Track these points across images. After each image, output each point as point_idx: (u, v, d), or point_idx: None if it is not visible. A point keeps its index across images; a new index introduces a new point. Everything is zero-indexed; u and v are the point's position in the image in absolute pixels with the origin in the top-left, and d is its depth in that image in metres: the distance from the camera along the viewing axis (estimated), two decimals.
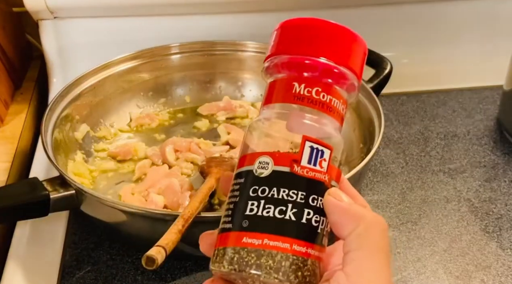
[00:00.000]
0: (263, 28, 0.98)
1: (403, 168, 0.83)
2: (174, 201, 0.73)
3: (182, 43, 0.92)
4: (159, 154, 0.82)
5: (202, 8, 0.96)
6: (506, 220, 0.74)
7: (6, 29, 0.94)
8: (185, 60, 0.93)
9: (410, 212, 0.76)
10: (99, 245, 0.71)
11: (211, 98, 0.94)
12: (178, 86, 0.94)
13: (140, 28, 0.97)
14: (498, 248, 0.70)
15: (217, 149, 0.83)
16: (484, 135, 0.89)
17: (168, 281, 0.66)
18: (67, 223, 0.74)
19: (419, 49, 1.02)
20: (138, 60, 0.90)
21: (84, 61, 0.95)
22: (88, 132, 0.84)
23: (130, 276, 0.67)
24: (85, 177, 0.78)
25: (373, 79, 0.85)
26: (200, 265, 0.68)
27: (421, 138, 0.88)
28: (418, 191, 0.79)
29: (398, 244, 0.71)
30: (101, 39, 0.96)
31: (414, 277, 0.67)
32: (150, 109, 0.92)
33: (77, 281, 0.67)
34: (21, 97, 0.94)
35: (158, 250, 0.55)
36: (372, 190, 0.79)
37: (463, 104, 0.96)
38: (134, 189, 0.76)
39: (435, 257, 0.69)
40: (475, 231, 0.73)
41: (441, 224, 0.74)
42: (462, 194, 0.78)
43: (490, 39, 1.02)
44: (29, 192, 0.66)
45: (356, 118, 0.83)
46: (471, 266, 0.68)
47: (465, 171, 0.82)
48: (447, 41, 1.02)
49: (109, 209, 0.65)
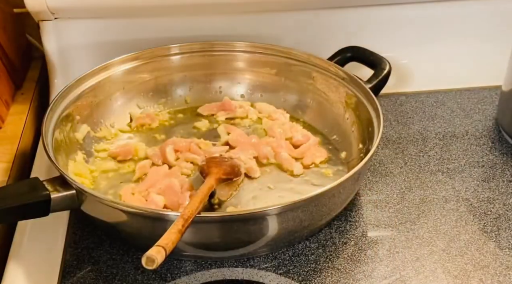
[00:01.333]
0: (263, 29, 0.99)
1: (402, 168, 0.83)
2: (174, 201, 0.73)
3: (182, 43, 0.93)
4: (159, 154, 0.82)
5: (202, 8, 0.97)
6: (504, 220, 0.74)
7: (7, 30, 0.94)
8: (185, 61, 0.93)
9: (409, 212, 0.76)
10: (100, 244, 0.71)
11: (211, 99, 0.94)
12: (178, 86, 0.94)
13: (140, 29, 0.97)
14: (497, 248, 0.71)
15: (217, 149, 0.84)
16: (482, 135, 0.89)
17: (168, 281, 0.67)
18: (67, 223, 0.74)
19: (418, 49, 1.02)
20: (139, 61, 0.91)
21: (85, 61, 0.95)
22: (89, 132, 0.85)
23: (130, 276, 0.67)
24: (85, 177, 0.78)
25: (372, 80, 0.85)
26: (200, 265, 0.68)
27: (420, 138, 0.89)
28: (417, 191, 0.79)
29: (396, 243, 0.71)
30: (102, 39, 0.97)
31: (413, 277, 0.67)
32: (150, 109, 0.92)
33: (77, 281, 0.67)
34: (22, 98, 0.94)
35: (158, 250, 0.55)
36: (371, 190, 0.79)
37: (461, 105, 0.96)
38: (135, 189, 0.76)
39: (434, 257, 0.70)
40: (474, 230, 0.73)
41: (439, 223, 0.74)
42: (460, 194, 0.79)
43: (489, 39, 1.02)
44: (30, 192, 0.66)
45: (355, 118, 0.84)
46: (469, 265, 0.69)
47: (463, 171, 0.82)
48: (446, 41, 1.02)
49: (110, 209, 0.65)
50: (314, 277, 0.67)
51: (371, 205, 0.77)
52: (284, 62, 0.92)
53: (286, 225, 0.66)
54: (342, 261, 0.69)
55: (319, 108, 0.90)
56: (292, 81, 0.92)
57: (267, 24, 0.99)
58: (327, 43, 0.94)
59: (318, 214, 0.68)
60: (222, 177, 0.74)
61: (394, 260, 0.69)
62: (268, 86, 0.94)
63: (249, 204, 0.75)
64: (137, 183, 0.78)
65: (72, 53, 0.97)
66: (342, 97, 0.86)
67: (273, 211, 0.64)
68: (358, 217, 0.75)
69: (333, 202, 0.70)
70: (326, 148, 0.85)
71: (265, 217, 0.65)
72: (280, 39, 0.96)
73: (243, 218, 0.64)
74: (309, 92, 0.91)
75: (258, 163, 0.81)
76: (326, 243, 0.71)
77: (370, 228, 0.74)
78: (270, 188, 0.78)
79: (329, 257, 0.70)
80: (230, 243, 0.67)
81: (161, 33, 0.97)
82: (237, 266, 0.68)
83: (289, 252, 0.70)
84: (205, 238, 0.66)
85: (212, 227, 0.66)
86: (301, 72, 0.91)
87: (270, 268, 0.68)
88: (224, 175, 0.75)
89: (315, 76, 0.90)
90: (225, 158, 0.80)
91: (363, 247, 0.71)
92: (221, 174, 0.74)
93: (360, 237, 0.72)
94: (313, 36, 1.00)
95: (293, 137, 0.85)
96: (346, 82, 0.85)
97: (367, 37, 0.97)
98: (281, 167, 0.81)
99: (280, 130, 0.86)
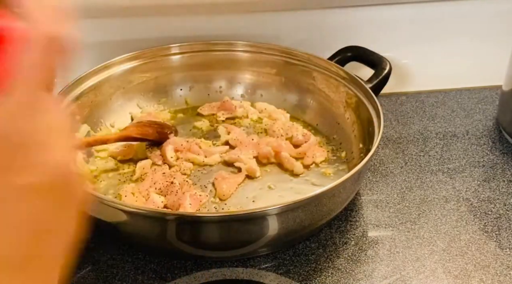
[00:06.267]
0: (263, 28, 0.99)
1: (402, 168, 0.83)
2: (174, 201, 0.73)
3: (182, 43, 0.93)
4: (160, 154, 0.82)
5: (202, 8, 0.97)
6: (505, 220, 0.74)
7: None
8: (185, 61, 0.93)
9: (409, 211, 0.76)
10: (100, 244, 0.71)
11: (211, 98, 0.94)
12: (178, 86, 0.94)
13: (140, 29, 0.97)
14: (497, 248, 0.71)
15: (217, 149, 0.84)
16: (483, 135, 0.89)
17: (168, 281, 0.67)
18: None
19: (418, 49, 1.02)
20: (139, 61, 0.90)
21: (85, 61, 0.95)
22: (89, 132, 0.85)
23: (130, 276, 0.67)
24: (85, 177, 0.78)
25: (372, 79, 0.85)
26: (200, 264, 0.68)
27: (420, 138, 0.89)
28: (417, 191, 0.79)
29: (397, 243, 0.71)
30: (102, 39, 0.97)
31: (413, 277, 0.67)
32: (150, 109, 0.92)
33: (77, 281, 0.67)
34: None
35: None
36: (372, 190, 0.79)
37: (462, 104, 0.96)
38: (135, 189, 0.76)
39: (434, 257, 0.70)
40: (474, 230, 0.73)
41: (440, 223, 0.74)
42: (461, 194, 0.78)
43: (489, 39, 1.02)
44: None
45: (355, 118, 0.84)
46: (470, 265, 0.68)
47: (464, 171, 0.82)
48: (446, 41, 1.02)
49: (110, 209, 0.65)
50: (314, 277, 0.67)
51: (372, 205, 0.77)
52: (284, 62, 0.92)
53: (286, 225, 0.66)
54: (343, 261, 0.69)
55: (320, 108, 0.90)
56: (292, 81, 0.92)
57: (267, 24, 0.99)
58: (327, 43, 0.94)
59: (318, 214, 0.68)
60: (134, 136, 0.81)
61: (395, 260, 0.69)
62: (268, 86, 0.94)
63: (249, 204, 0.75)
64: (137, 183, 0.78)
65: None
66: (342, 97, 0.86)
67: (273, 211, 0.64)
68: (358, 217, 0.75)
69: (333, 202, 0.70)
70: (326, 148, 0.85)
71: (265, 217, 0.64)
72: (280, 39, 0.96)
73: (243, 218, 0.64)
74: (309, 92, 0.91)
75: (258, 163, 0.81)
76: (326, 243, 0.71)
77: (371, 228, 0.74)
78: (270, 188, 0.78)
79: (329, 257, 0.70)
80: (230, 243, 0.67)
81: (161, 33, 0.97)
82: (237, 266, 0.68)
83: (289, 252, 0.70)
84: (205, 238, 0.66)
85: (212, 227, 0.66)
86: (301, 72, 0.91)
87: (270, 268, 0.68)
88: (138, 135, 0.81)
89: (316, 76, 0.90)
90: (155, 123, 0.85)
91: (364, 247, 0.71)
92: (135, 133, 0.81)
93: (360, 237, 0.72)
94: (313, 36, 1.00)
95: (293, 137, 0.85)
96: (347, 82, 0.85)
97: (367, 37, 0.97)
98: (281, 167, 0.81)
99: (281, 130, 0.86)
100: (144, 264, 0.69)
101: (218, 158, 0.82)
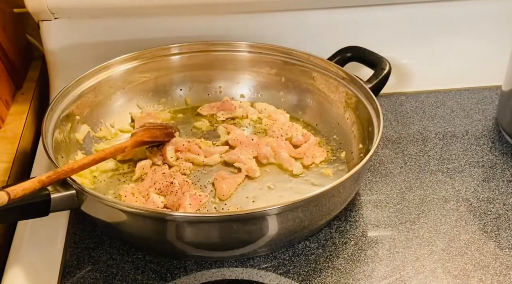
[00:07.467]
0: (263, 29, 0.99)
1: (402, 168, 0.83)
2: (174, 201, 0.73)
3: (182, 43, 0.93)
4: (159, 154, 0.82)
5: (202, 8, 0.97)
6: (504, 220, 0.74)
7: (7, 30, 0.94)
8: (185, 61, 0.93)
9: (409, 211, 0.76)
10: (100, 244, 0.72)
11: (211, 98, 0.94)
12: (178, 86, 0.94)
13: (140, 29, 0.97)
14: (497, 248, 0.71)
15: (217, 149, 0.84)
16: (482, 135, 0.89)
17: (168, 281, 0.67)
18: (67, 223, 0.75)
19: (418, 49, 1.02)
20: (138, 61, 0.91)
21: (85, 61, 0.95)
22: (89, 132, 0.85)
23: (130, 276, 0.68)
24: (85, 177, 0.78)
25: (372, 80, 0.85)
26: (200, 265, 0.68)
27: (420, 138, 0.89)
28: (417, 191, 0.79)
29: (396, 243, 0.71)
30: (102, 39, 0.97)
31: (413, 276, 0.67)
32: (150, 109, 0.92)
33: (77, 281, 0.67)
34: (22, 98, 0.94)
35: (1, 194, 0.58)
36: (371, 190, 0.79)
37: (461, 105, 0.96)
38: (134, 189, 0.76)
39: (434, 257, 0.70)
40: (474, 230, 0.73)
41: (439, 223, 0.74)
42: (460, 194, 0.79)
43: (489, 39, 1.02)
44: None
45: (355, 118, 0.84)
46: (469, 265, 0.69)
47: (463, 171, 0.82)
48: (446, 41, 1.02)
49: (110, 209, 0.65)
50: (314, 277, 0.67)
51: (371, 205, 0.77)
52: (284, 62, 0.92)
53: (286, 225, 0.66)
54: (342, 261, 0.69)
55: (319, 108, 0.90)
56: (292, 81, 0.93)
57: (267, 24, 0.99)
58: (327, 43, 0.94)
59: (318, 214, 0.68)
60: (146, 140, 0.80)
61: (394, 260, 0.69)
62: (268, 86, 0.94)
63: (249, 204, 0.75)
64: (137, 183, 0.78)
65: (72, 53, 0.97)
66: (342, 97, 0.86)
67: (273, 211, 0.64)
68: (358, 217, 0.75)
69: (333, 202, 0.70)
70: (326, 148, 0.85)
71: (265, 217, 0.64)
72: (280, 39, 0.96)
73: (243, 218, 0.64)
74: (309, 92, 0.91)
75: (258, 163, 0.81)
76: (326, 243, 0.71)
77: (370, 228, 0.74)
78: (270, 188, 0.78)
79: (329, 257, 0.70)
80: (230, 243, 0.67)
81: (161, 33, 0.97)
82: (237, 266, 0.68)
83: (289, 252, 0.70)
84: (205, 238, 0.66)
85: (212, 227, 0.66)
86: (301, 72, 0.91)
87: (270, 268, 0.68)
88: (149, 138, 0.81)
89: (315, 76, 0.90)
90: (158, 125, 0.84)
91: (363, 247, 0.71)
92: (146, 137, 0.80)
93: (360, 237, 0.72)
94: (313, 36, 1.00)
95: (293, 137, 0.85)
96: (346, 82, 0.86)
97: (367, 37, 0.97)
98: (281, 167, 0.81)
99: (280, 130, 0.86)
100: (144, 264, 0.69)
101: (218, 158, 0.83)
